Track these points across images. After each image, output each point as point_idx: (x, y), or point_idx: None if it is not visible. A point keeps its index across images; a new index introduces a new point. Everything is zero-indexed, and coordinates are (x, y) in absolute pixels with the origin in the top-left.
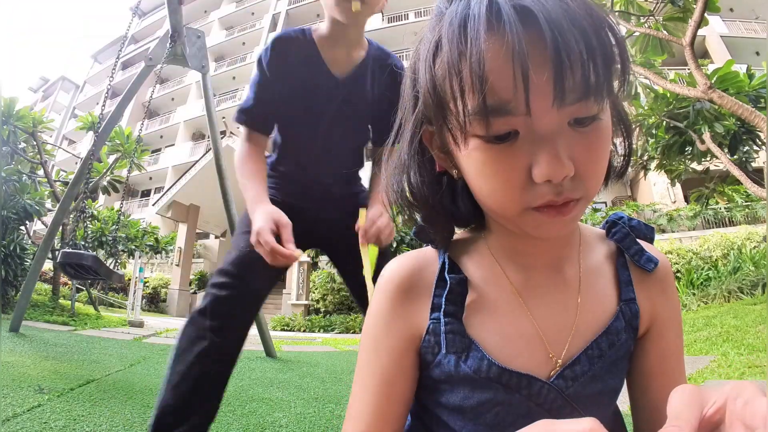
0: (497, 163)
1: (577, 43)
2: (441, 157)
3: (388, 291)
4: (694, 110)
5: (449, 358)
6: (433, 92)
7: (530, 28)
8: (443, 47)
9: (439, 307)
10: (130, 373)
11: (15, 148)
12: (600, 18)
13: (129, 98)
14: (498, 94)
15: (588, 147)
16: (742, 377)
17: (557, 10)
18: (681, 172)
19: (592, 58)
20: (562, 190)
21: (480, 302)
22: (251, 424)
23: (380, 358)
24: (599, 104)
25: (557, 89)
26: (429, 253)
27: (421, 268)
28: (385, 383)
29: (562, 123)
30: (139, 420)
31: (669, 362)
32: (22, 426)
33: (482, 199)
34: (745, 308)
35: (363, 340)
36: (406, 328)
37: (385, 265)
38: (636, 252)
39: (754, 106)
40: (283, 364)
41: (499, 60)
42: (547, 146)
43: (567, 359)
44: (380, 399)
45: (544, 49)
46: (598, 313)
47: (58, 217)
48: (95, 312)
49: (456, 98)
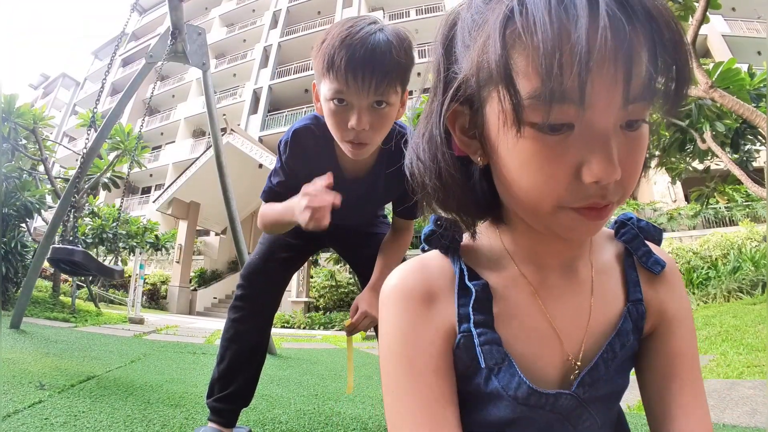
0: (546, 155)
1: (663, 45)
2: (464, 140)
3: (405, 302)
4: (695, 108)
5: (482, 371)
6: (500, 64)
7: (623, 20)
8: (529, 17)
9: (467, 318)
10: (130, 370)
11: (15, 145)
12: (676, 22)
13: (129, 95)
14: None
15: (633, 151)
16: (741, 377)
17: (652, 8)
18: (681, 171)
19: (664, 63)
20: (607, 193)
21: (503, 307)
22: (251, 420)
23: (420, 380)
24: (659, 108)
25: (632, 89)
26: (432, 260)
27: (430, 275)
28: (438, 407)
29: (617, 123)
30: (140, 416)
31: (681, 362)
32: (23, 422)
33: (516, 192)
34: (744, 308)
35: (388, 364)
36: (438, 337)
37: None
38: (644, 254)
39: (756, 105)
40: (283, 361)
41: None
42: (601, 146)
43: (583, 359)
44: (436, 425)
45: (625, 42)
46: (609, 313)
47: (58, 214)
48: (96, 309)
49: (540, 75)
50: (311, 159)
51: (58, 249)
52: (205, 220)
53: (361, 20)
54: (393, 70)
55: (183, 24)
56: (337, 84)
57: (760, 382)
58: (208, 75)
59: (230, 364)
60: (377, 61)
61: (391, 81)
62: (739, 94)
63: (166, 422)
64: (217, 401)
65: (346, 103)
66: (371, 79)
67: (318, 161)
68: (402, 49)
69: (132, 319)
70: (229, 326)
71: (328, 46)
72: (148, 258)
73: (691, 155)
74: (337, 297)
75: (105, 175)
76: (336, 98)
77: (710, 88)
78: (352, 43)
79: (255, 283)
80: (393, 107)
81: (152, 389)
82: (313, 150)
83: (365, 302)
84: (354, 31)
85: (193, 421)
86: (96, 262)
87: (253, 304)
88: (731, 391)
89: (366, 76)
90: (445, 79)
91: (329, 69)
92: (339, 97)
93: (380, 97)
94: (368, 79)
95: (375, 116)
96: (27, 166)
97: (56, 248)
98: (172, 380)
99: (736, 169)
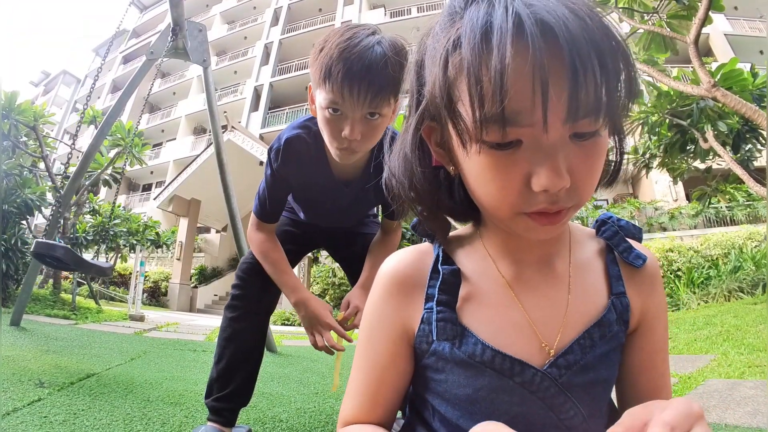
0: (497, 168)
1: (593, 63)
2: (439, 152)
3: (385, 284)
4: (697, 108)
5: (443, 345)
6: (443, 92)
7: (549, 44)
8: (462, 51)
9: (433, 297)
10: (130, 367)
11: (16, 142)
12: (615, 39)
13: (130, 92)
14: (513, 105)
15: (585, 159)
16: (742, 377)
17: (577, 29)
18: (683, 171)
19: (606, 80)
20: (557, 200)
21: (473, 293)
22: (251, 418)
23: (374, 346)
24: (603, 121)
25: (572, 107)
26: (426, 248)
27: (417, 262)
28: (378, 369)
29: (565, 136)
30: (139, 414)
31: (657, 357)
32: (23, 420)
33: (478, 198)
34: (745, 307)
35: (361, 327)
36: (399, 318)
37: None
38: (625, 249)
39: (758, 105)
40: (283, 359)
41: (520, 73)
42: (548, 158)
43: (559, 348)
44: (372, 383)
45: (560, 65)
46: (589, 305)
47: (59, 211)
48: (96, 306)
49: (471, 102)
50: (303, 166)
51: (40, 243)
52: (206, 218)
53: (360, 30)
54: (388, 85)
55: (184, 21)
56: (333, 95)
57: (762, 382)
58: (209, 72)
59: (228, 364)
60: (373, 76)
61: (385, 95)
62: (741, 95)
63: (165, 420)
64: (216, 401)
65: (341, 113)
66: (366, 94)
67: (310, 167)
68: (398, 63)
69: (132, 316)
70: (226, 325)
71: (326, 56)
72: (149, 255)
73: (692, 155)
74: (338, 295)
75: (105, 172)
76: (331, 108)
77: (712, 87)
78: (350, 57)
79: (251, 282)
80: (385, 118)
81: (152, 387)
82: (305, 156)
83: (357, 298)
84: (353, 43)
85: (192, 419)
86: (77, 258)
87: (250, 302)
88: (732, 391)
89: (362, 91)
90: (417, 101)
91: (326, 79)
92: (334, 107)
93: (374, 110)
94: (363, 93)
95: (367, 127)
96: (28, 163)
97: (38, 243)
98: (172, 378)
99: (738, 169)
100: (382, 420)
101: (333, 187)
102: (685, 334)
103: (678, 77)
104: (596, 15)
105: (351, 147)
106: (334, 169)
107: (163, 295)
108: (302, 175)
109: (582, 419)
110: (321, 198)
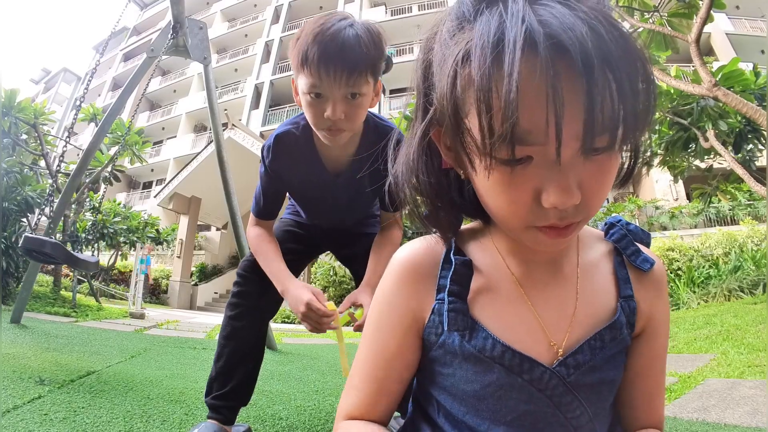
0: (507, 183)
1: (609, 83)
2: (449, 155)
3: (396, 273)
4: (698, 107)
5: (453, 337)
6: (452, 106)
7: (563, 64)
8: (472, 70)
9: (444, 288)
10: (130, 365)
11: (16, 140)
12: (635, 54)
13: (130, 90)
14: (523, 125)
15: (597, 175)
16: (742, 376)
17: (593, 48)
18: (684, 170)
19: (623, 100)
20: (567, 216)
21: (484, 287)
22: (251, 416)
23: (382, 335)
24: (618, 141)
25: (586, 129)
26: (438, 239)
27: (429, 253)
28: (384, 359)
29: (575, 153)
30: (139, 412)
31: (657, 362)
32: (23, 417)
33: (488, 208)
34: (745, 307)
35: (369, 316)
36: (409, 308)
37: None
38: (633, 252)
39: (759, 105)
40: (283, 357)
41: (532, 93)
42: (559, 175)
43: (567, 348)
44: (377, 373)
45: (575, 85)
46: (597, 306)
47: (59, 209)
48: (96, 303)
49: (480, 124)
50: (294, 160)
51: (29, 239)
52: (206, 215)
53: (332, 17)
54: (363, 62)
55: (184, 18)
56: (312, 78)
57: (761, 381)
58: (209, 70)
59: (228, 362)
60: (347, 55)
61: (361, 72)
62: (743, 94)
63: (165, 418)
64: (215, 399)
65: (322, 96)
66: (342, 72)
67: (300, 161)
68: (371, 42)
69: (133, 314)
70: (226, 324)
71: (302, 43)
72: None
73: (693, 154)
74: (339, 293)
75: (105, 169)
76: (313, 93)
77: (714, 86)
78: (323, 40)
79: (251, 280)
80: (366, 97)
81: (152, 384)
82: (294, 150)
83: (362, 296)
84: (326, 27)
85: (193, 416)
86: (66, 254)
87: (249, 300)
88: (732, 390)
89: (338, 69)
90: (425, 104)
91: (303, 64)
92: (315, 92)
93: (353, 89)
94: (340, 72)
95: (349, 106)
96: (28, 161)
97: (27, 238)
98: (172, 375)
99: (739, 168)
100: (383, 414)
101: (325, 179)
102: (685, 334)
103: (678, 76)
104: (616, 29)
105: (336, 127)
106: (325, 161)
107: (163, 292)
108: (294, 169)
109: (588, 419)
110: (317, 193)
